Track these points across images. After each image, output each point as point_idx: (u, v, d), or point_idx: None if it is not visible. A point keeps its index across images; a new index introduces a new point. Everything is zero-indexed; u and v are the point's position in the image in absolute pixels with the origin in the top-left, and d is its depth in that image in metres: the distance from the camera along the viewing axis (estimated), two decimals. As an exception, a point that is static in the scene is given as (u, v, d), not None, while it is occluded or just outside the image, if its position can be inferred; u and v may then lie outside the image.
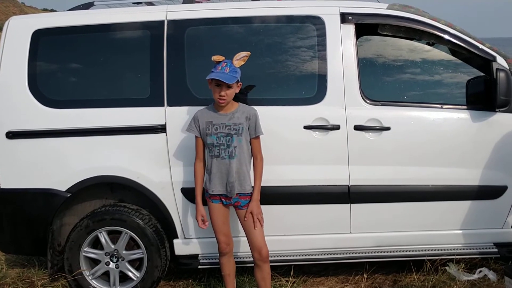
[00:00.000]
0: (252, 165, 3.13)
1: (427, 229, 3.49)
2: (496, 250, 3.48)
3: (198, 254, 3.53)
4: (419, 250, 3.50)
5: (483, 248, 3.50)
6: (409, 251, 3.51)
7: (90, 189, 3.49)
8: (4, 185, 3.46)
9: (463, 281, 3.48)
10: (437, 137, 3.37)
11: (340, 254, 3.50)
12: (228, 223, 3.20)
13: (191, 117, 3.17)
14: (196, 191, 3.17)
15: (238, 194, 3.08)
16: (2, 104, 3.44)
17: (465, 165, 3.40)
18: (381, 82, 3.72)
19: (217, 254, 3.26)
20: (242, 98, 3.27)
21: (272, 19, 3.47)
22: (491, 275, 3.54)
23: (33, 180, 3.43)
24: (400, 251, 3.51)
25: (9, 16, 3.85)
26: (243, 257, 3.45)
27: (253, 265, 3.18)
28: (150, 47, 3.42)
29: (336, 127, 3.34)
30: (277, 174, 3.32)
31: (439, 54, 3.67)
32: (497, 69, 3.26)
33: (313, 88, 3.40)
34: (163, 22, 3.42)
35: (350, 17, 3.40)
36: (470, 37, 3.45)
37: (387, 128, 3.35)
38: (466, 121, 3.38)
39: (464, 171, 3.40)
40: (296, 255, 3.49)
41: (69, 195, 3.42)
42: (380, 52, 3.69)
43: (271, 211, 3.29)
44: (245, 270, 3.67)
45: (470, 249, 3.50)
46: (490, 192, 3.43)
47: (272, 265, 3.26)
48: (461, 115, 3.39)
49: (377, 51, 3.69)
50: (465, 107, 3.40)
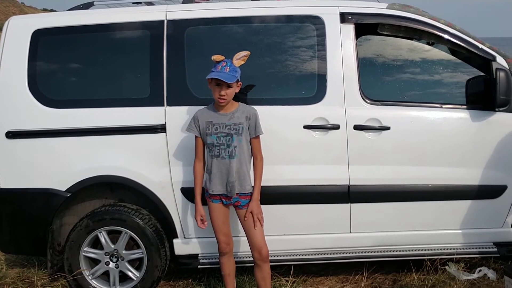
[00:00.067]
0: (252, 165, 3.13)
1: (427, 229, 3.49)
2: (496, 250, 3.48)
3: (198, 254, 3.53)
4: (419, 250, 3.50)
5: (483, 248, 3.50)
6: (409, 251, 3.51)
7: (90, 189, 3.49)
8: (4, 185, 3.46)
9: (463, 281, 3.48)
10: (437, 137, 3.37)
11: (340, 254, 3.50)
12: (228, 223, 3.20)
13: (191, 117, 3.17)
14: (196, 191, 3.17)
15: (238, 194, 3.08)
16: (2, 104, 3.44)
17: (465, 165, 3.40)
18: (381, 82, 3.72)
19: (217, 254, 3.27)
20: (242, 98, 3.27)
21: (272, 19, 3.47)
22: (491, 274, 3.54)
23: (33, 180, 3.43)
24: (400, 251, 3.51)
25: (9, 16, 3.85)
26: (243, 257, 3.45)
27: (253, 265, 3.18)
28: (150, 47, 3.42)
29: (336, 127, 3.34)
30: (277, 174, 3.32)
31: (439, 54, 3.67)
32: (497, 69, 3.26)
33: (313, 88, 3.40)
34: (163, 22, 3.42)
35: (350, 17, 3.40)
36: (470, 37, 3.45)
37: (387, 128, 3.35)
38: (466, 121, 3.38)
39: (464, 171, 3.40)
40: (296, 255, 3.49)
41: (69, 195, 3.42)
42: (380, 52, 3.69)
43: (271, 211, 3.29)
44: (245, 270, 3.67)
45: (470, 249, 3.50)
46: (490, 192, 3.43)
47: (272, 265, 3.26)
48: (461, 115, 3.39)
49: (377, 51, 3.69)
50: (465, 107, 3.40)
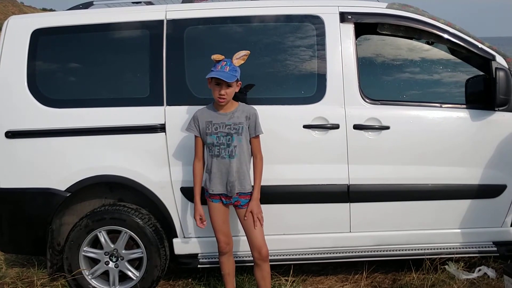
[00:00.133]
0: (252, 164, 3.13)
1: (427, 228, 3.49)
2: (495, 249, 3.48)
3: (198, 254, 3.52)
4: (419, 249, 3.50)
5: (482, 247, 3.50)
6: (409, 250, 3.51)
7: (90, 189, 3.49)
8: (4, 185, 3.45)
9: (463, 280, 3.48)
10: (437, 136, 3.37)
11: (340, 253, 3.50)
12: (228, 223, 3.20)
13: (191, 117, 3.16)
14: (195, 191, 3.17)
15: (238, 194, 3.08)
16: (1, 104, 3.44)
17: (465, 164, 3.40)
18: (381, 81, 3.73)
19: (217, 254, 3.27)
20: (242, 98, 3.26)
21: (271, 19, 3.47)
22: (490, 272, 3.54)
23: (33, 180, 3.43)
24: (400, 250, 3.51)
25: (8, 16, 3.84)
26: (243, 257, 3.45)
27: (253, 264, 3.18)
28: (150, 47, 3.42)
29: (336, 126, 3.34)
30: (277, 173, 3.32)
31: (438, 53, 3.67)
32: (497, 68, 3.26)
33: (313, 88, 3.40)
34: (163, 22, 3.42)
35: (350, 16, 3.40)
36: (470, 36, 3.45)
37: (387, 127, 3.35)
38: (466, 120, 3.38)
39: (464, 170, 3.40)
40: (296, 254, 3.49)
41: (69, 195, 3.41)
42: (380, 51, 3.69)
43: (271, 210, 3.29)
44: (245, 269, 3.66)
45: (469, 248, 3.50)
46: (489, 191, 3.43)
47: (272, 264, 3.26)
48: (461, 114, 3.39)
49: (377, 50, 3.69)
50: (464, 106, 3.40)
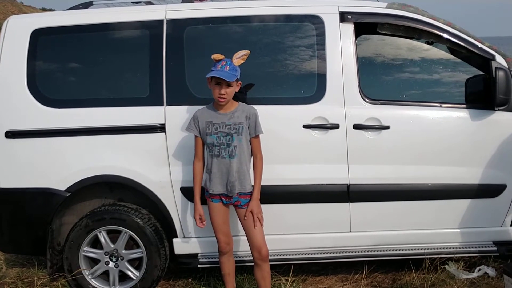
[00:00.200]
0: (252, 164, 3.13)
1: (427, 228, 3.49)
2: (495, 249, 3.48)
3: (198, 253, 3.52)
4: (419, 249, 3.50)
5: (482, 247, 3.50)
6: (409, 250, 3.51)
7: (89, 189, 3.49)
8: (4, 185, 3.45)
9: (463, 280, 3.48)
10: (436, 136, 3.38)
11: (340, 253, 3.50)
12: (228, 223, 3.20)
13: (191, 117, 3.16)
14: (195, 190, 3.17)
15: (238, 193, 3.08)
16: (1, 104, 3.44)
17: (464, 164, 3.40)
18: (380, 81, 3.73)
19: (217, 253, 3.27)
20: (242, 98, 3.26)
21: (271, 18, 3.47)
22: (490, 271, 3.54)
23: (33, 180, 3.43)
24: (400, 250, 3.51)
25: (8, 16, 3.84)
26: (243, 256, 3.45)
27: (253, 264, 3.18)
28: (149, 47, 3.42)
29: (335, 126, 3.34)
30: (277, 173, 3.32)
31: (438, 53, 3.67)
32: (496, 68, 3.26)
33: (312, 87, 3.40)
34: (162, 22, 3.42)
35: (349, 16, 3.40)
36: (469, 36, 3.45)
37: (386, 127, 3.35)
38: (465, 120, 3.38)
39: (463, 170, 3.40)
40: (296, 254, 3.49)
41: (69, 195, 3.41)
42: (379, 51, 3.69)
43: (271, 210, 3.29)
44: (245, 269, 3.66)
45: (469, 248, 3.50)
46: (489, 191, 3.43)
47: (272, 264, 3.26)
48: (460, 114, 3.39)
49: (376, 50, 3.69)
50: (464, 106, 3.40)
